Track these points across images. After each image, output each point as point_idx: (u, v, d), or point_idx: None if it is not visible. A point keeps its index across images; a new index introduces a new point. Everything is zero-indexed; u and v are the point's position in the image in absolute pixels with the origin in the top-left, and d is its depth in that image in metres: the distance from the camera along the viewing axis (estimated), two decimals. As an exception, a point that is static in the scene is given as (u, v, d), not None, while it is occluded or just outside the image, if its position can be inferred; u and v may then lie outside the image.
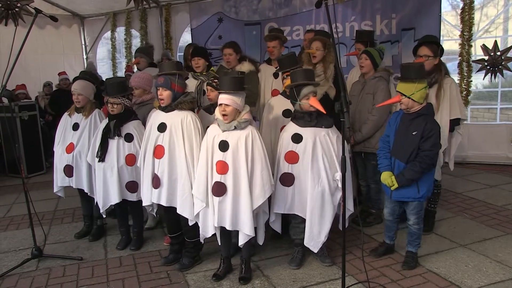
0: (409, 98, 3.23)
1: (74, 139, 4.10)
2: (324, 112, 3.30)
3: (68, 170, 4.10)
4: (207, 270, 3.60)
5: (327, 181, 3.32)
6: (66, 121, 4.22)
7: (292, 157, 3.42)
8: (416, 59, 3.92)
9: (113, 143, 3.80)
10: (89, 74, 4.63)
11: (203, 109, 3.79)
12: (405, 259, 3.54)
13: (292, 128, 3.46)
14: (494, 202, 4.95)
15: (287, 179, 3.44)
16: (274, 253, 3.88)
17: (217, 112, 3.24)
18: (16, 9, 5.81)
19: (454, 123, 3.95)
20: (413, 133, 3.27)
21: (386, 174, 3.37)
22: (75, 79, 4.28)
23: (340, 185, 3.28)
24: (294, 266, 3.58)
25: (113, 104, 3.76)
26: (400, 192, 3.37)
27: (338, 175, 3.29)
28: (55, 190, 4.28)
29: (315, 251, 3.48)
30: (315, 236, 3.41)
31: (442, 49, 3.97)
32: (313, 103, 3.30)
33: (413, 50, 4.03)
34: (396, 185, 3.31)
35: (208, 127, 3.38)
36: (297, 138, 3.40)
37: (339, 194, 3.36)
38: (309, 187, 3.35)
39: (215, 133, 3.24)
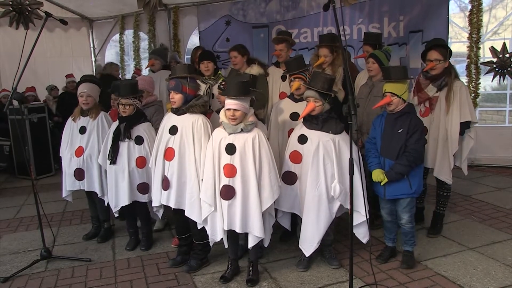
0: (400, 97, 3.36)
1: (83, 142, 4.12)
2: (299, 119, 3.49)
3: (79, 174, 4.12)
4: (214, 272, 3.61)
5: (325, 186, 3.32)
6: (71, 126, 4.22)
7: (296, 157, 3.46)
8: (426, 63, 3.93)
9: (123, 146, 3.82)
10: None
11: (216, 111, 3.80)
12: (403, 258, 3.57)
13: (301, 128, 3.49)
14: (503, 205, 4.91)
15: (290, 178, 3.49)
16: (282, 255, 3.88)
17: (222, 115, 3.25)
18: (27, 13, 5.86)
19: (464, 127, 3.92)
20: (399, 131, 3.38)
21: (377, 171, 3.45)
22: (79, 82, 4.31)
23: (335, 196, 3.29)
24: (302, 268, 3.58)
25: (125, 105, 3.79)
26: (393, 190, 3.44)
27: (336, 186, 3.29)
28: (64, 195, 4.30)
29: (307, 254, 3.47)
30: (308, 239, 3.42)
31: (451, 51, 3.97)
32: (307, 106, 3.36)
33: (421, 55, 4.04)
34: (386, 180, 3.38)
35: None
36: (302, 139, 3.44)
37: (336, 204, 3.36)
38: (308, 189, 3.37)
39: (221, 136, 3.24)
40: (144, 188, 3.89)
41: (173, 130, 3.44)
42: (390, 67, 3.57)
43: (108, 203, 4.13)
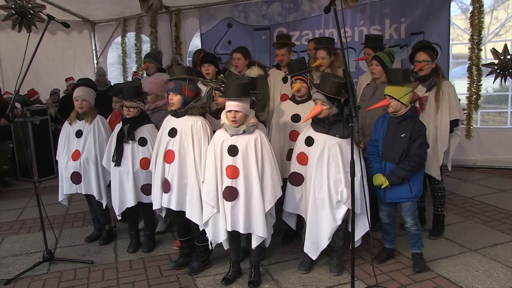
0: (398, 101, 3.33)
1: (79, 146, 4.12)
2: (303, 121, 3.52)
3: (76, 177, 4.13)
4: (216, 274, 3.62)
5: (327, 191, 3.27)
6: (67, 129, 4.22)
7: (302, 159, 3.46)
8: (414, 65, 4.01)
9: (127, 148, 3.84)
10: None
11: (210, 113, 3.81)
12: (413, 261, 3.55)
13: (308, 130, 3.48)
14: (505, 206, 4.91)
15: (297, 179, 3.48)
16: (284, 257, 3.88)
17: (224, 117, 3.25)
18: (29, 16, 5.88)
19: (453, 124, 4.03)
20: (402, 135, 3.37)
21: (378, 176, 3.44)
22: (75, 86, 4.33)
23: (343, 200, 3.24)
24: (304, 270, 3.58)
25: (129, 108, 3.80)
26: (393, 193, 3.44)
27: (343, 191, 3.23)
28: (60, 199, 4.31)
29: (313, 258, 3.45)
30: (311, 243, 3.40)
31: (437, 53, 4.07)
32: (313, 109, 3.35)
33: (409, 57, 4.14)
34: (386, 183, 3.36)
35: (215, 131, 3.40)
36: (309, 141, 3.43)
37: (342, 210, 3.28)
38: (311, 192, 3.35)
39: (223, 138, 3.25)
40: (148, 189, 3.88)
41: (173, 132, 3.45)
42: (391, 70, 3.57)
43: (106, 205, 4.16)
